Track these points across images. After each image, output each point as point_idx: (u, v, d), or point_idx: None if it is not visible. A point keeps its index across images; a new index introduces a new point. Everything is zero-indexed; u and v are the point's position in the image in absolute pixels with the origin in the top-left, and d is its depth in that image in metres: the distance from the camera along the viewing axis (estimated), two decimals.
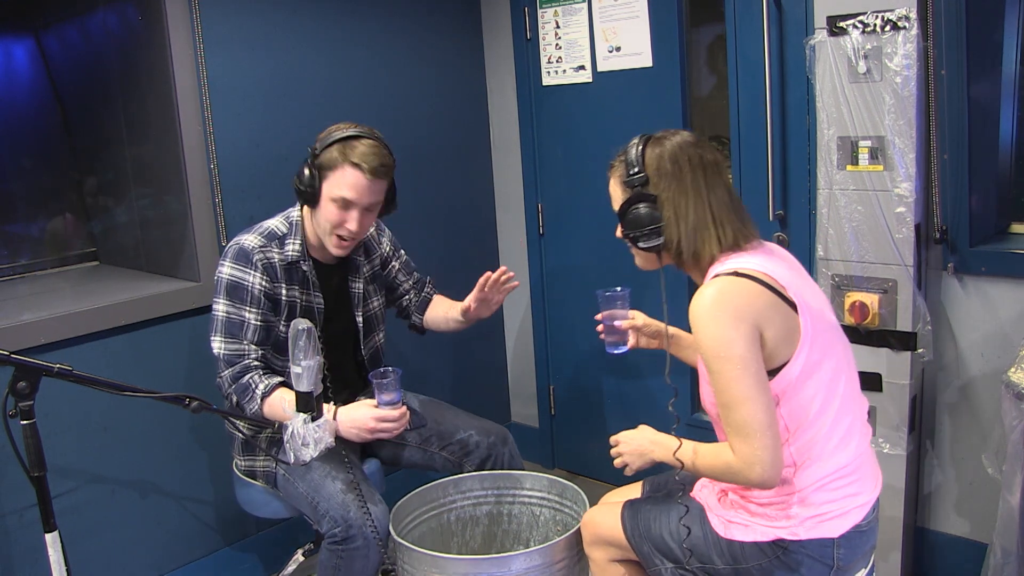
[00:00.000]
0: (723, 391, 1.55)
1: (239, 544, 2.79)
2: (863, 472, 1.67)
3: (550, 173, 3.32)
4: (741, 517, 1.68)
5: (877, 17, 2.15)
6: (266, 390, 2.05)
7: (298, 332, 1.77)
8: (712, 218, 1.65)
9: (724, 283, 1.57)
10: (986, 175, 2.35)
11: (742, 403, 1.52)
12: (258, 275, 2.10)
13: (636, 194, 1.68)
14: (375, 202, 2.12)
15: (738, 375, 1.52)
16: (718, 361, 1.53)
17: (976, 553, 2.30)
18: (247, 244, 2.11)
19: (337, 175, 2.06)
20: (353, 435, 2.05)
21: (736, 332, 1.52)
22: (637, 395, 3.25)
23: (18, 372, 1.56)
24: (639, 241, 1.70)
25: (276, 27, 2.72)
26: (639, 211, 1.68)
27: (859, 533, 1.64)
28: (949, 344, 2.40)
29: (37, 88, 3.00)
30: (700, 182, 1.66)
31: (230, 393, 2.09)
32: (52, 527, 1.62)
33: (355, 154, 2.04)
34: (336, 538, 2.03)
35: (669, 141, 1.68)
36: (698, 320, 1.56)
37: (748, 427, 1.52)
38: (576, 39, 3.09)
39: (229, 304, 2.09)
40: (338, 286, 2.29)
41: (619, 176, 1.73)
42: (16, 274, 2.87)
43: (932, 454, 2.49)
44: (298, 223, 2.18)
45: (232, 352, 2.08)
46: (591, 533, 1.91)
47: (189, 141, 2.53)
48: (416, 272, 2.51)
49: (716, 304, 1.55)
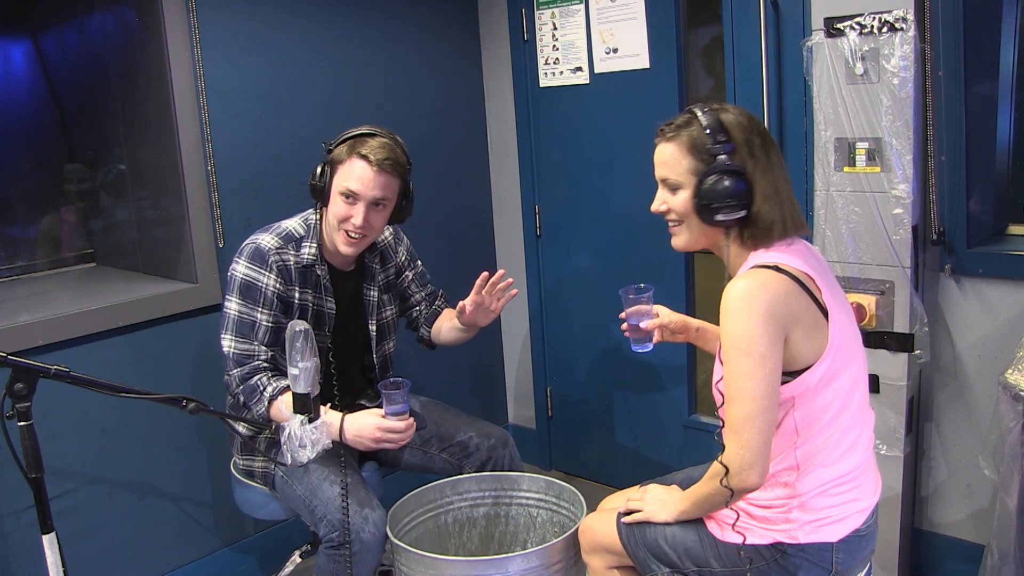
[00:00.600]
0: (731, 383, 1.53)
1: (237, 545, 2.78)
2: (864, 478, 1.66)
3: (547, 174, 3.32)
4: (740, 520, 1.67)
5: (874, 19, 2.15)
6: (273, 393, 2.05)
7: (295, 333, 1.77)
8: (786, 199, 1.61)
9: (765, 276, 1.54)
10: (983, 176, 2.35)
11: (746, 400, 1.51)
12: (272, 276, 2.10)
13: (722, 164, 1.57)
14: (382, 198, 2.11)
15: (751, 372, 1.50)
16: (737, 352, 1.51)
17: (973, 554, 2.30)
18: (264, 244, 2.11)
19: (344, 168, 2.08)
20: (358, 444, 2.06)
21: (763, 328, 1.50)
22: (635, 397, 3.25)
23: (15, 373, 1.55)
24: (719, 213, 1.58)
25: (273, 29, 2.72)
26: (725, 182, 1.56)
27: (858, 538, 1.63)
28: (946, 345, 2.40)
29: (35, 90, 2.99)
30: (774, 158, 1.61)
31: (238, 393, 2.09)
32: (50, 528, 1.62)
33: (364, 148, 2.07)
34: (333, 543, 2.03)
35: (738, 111, 1.62)
36: (729, 307, 1.52)
37: (743, 424, 1.51)
38: (573, 40, 3.10)
39: (242, 304, 2.09)
40: (352, 293, 2.28)
41: (689, 142, 1.61)
42: (13, 275, 2.86)
43: (929, 455, 2.49)
44: (315, 226, 2.18)
45: (242, 352, 2.09)
46: (588, 540, 1.91)
47: (186, 143, 2.53)
48: (430, 285, 2.50)
49: (752, 296, 1.51)
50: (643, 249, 3.08)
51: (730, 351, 1.52)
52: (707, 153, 1.59)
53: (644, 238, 3.06)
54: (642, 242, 3.07)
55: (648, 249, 3.06)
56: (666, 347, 3.08)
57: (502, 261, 3.55)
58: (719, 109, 1.62)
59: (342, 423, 2.05)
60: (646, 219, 3.03)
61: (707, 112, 1.61)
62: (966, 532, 2.45)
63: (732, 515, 1.68)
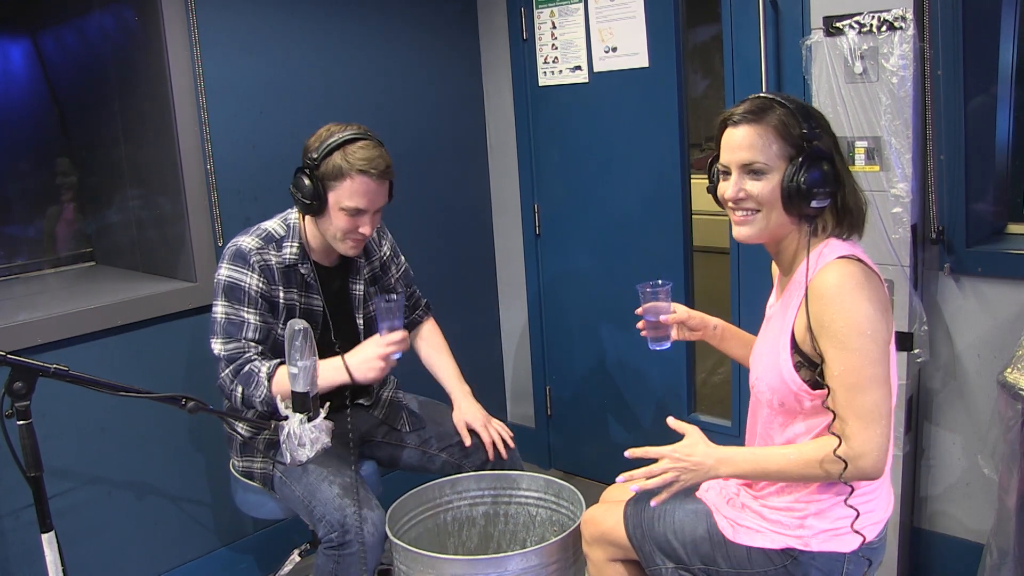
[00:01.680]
0: (857, 371, 1.46)
1: (236, 544, 2.78)
2: (881, 491, 1.65)
3: (547, 174, 3.32)
4: (753, 522, 1.65)
5: (873, 17, 2.15)
6: (270, 371, 2.03)
7: (294, 332, 1.77)
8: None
9: (860, 268, 1.50)
10: (983, 175, 2.35)
11: (877, 386, 1.46)
12: (255, 276, 2.09)
13: (816, 149, 1.52)
14: (384, 202, 2.12)
15: (879, 358, 1.47)
16: (862, 339, 1.45)
17: (972, 553, 2.31)
18: (244, 246, 2.11)
19: (346, 185, 2.02)
20: (367, 372, 2.04)
21: (882, 316, 1.47)
22: (634, 396, 3.25)
23: (14, 372, 1.55)
24: (813, 200, 1.52)
25: (272, 28, 2.72)
26: (824, 166, 1.51)
27: (870, 550, 1.62)
28: (945, 344, 2.40)
29: (34, 89, 2.99)
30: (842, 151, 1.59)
31: (233, 389, 2.07)
32: (49, 527, 1.62)
33: (359, 160, 2.01)
34: (332, 543, 2.02)
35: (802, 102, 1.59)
36: (843, 294, 1.47)
37: (876, 411, 1.46)
38: (572, 39, 3.10)
39: (227, 305, 2.09)
40: (339, 289, 2.28)
41: (780, 126, 1.54)
42: (12, 274, 2.87)
43: (928, 454, 2.49)
44: (295, 226, 2.16)
45: (232, 351, 2.08)
46: (591, 531, 1.89)
47: (185, 142, 2.53)
48: (415, 287, 2.49)
49: (865, 284, 1.48)
50: (643, 248, 3.08)
51: (855, 338, 1.45)
52: (799, 138, 1.53)
53: (644, 237, 3.06)
54: (642, 241, 3.07)
55: (648, 248, 3.06)
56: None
57: (501, 260, 3.55)
58: (794, 98, 1.59)
59: (345, 364, 2.04)
60: (646, 218, 3.06)
61: (785, 97, 1.57)
62: (965, 531, 2.45)
63: (746, 516, 1.67)
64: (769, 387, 1.62)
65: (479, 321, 3.56)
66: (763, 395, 1.64)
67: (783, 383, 1.58)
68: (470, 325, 3.47)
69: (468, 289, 3.49)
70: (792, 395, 1.57)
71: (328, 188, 2.04)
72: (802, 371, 1.56)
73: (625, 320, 3.20)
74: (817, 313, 1.49)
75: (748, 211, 1.59)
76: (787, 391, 1.58)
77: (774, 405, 1.63)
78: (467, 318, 3.44)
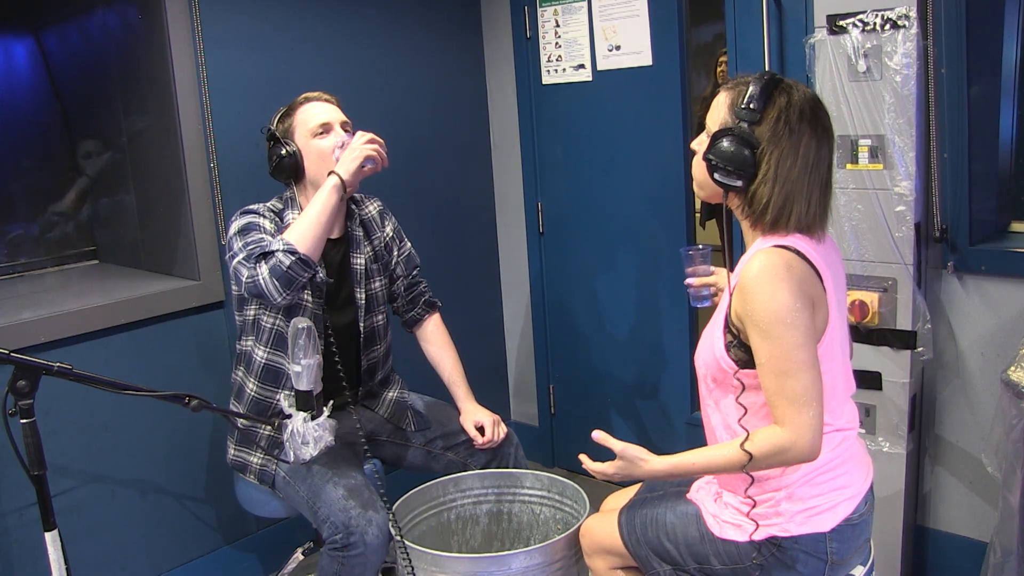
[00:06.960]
0: (782, 358, 1.50)
1: (239, 543, 2.79)
2: (850, 465, 1.66)
3: (550, 172, 3.32)
4: (735, 517, 1.68)
5: (877, 16, 2.15)
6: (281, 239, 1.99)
7: (298, 331, 1.77)
8: (806, 193, 1.59)
9: (787, 257, 1.53)
10: (986, 174, 2.35)
11: (804, 371, 1.49)
12: (267, 220, 2.13)
13: (740, 130, 1.57)
14: (345, 120, 2.19)
15: (803, 342, 1.49)
16: (781, 327, 1.49)
17: (976, 551, 2.30)
18: (251, 207, 2.16)
19: (300, 118, 2.16)
20: (351, 163, 2.06)
21: (801, 303, 1.50)
22: (637, 394, 3.25)
23: (18, 371, 1.56)
24: (716, 172, 1.59)
25: (276, 26, 2.72)
26: (730, 147, 1.57)
27: (851, 526, 1.63)
28: (949, 343, 2.40)
29: (37, 87, 3.00)
30: (811, 150, 1.59)
31: (257, 273, 1.96)
32: (52, 526, 1.62)
33: (301, 97, 2.19)
34: (336, 544, 2.02)
35: (798, 93, 1.60)
36: (762, 284, 1.51)
37: (806, 395, 1.49)
38: (576, 38, 3.10)
39: (244, 236, 2.06)
40: (340, 261, 2.26)
41: (731, 100, 1.62)
42: (16, 273, 2.87)
43: (931, 453, 2.49)
44: (292, 198, 2.20)
45: (251, 249, 2.01)
46: (589, 543, 1.91)
47: (189, 140, 2.53)
48: (422, 281, 2.46)
49: (784, 272, 1.51)
50: (646, 246, 3.08)
51: (775, 326, 1.49)
52: (739, 116, 1.59)
53: (647, 235, 3.06)
54: (645, 239, 3.07)
55: (651, 246, 3.06)
56: (668, 345, 3.10)
57: (504, 258, 3.55)
58: (789, 86, 1.61)
59: (335, 173, 2.07)
60: (649, 216, 3.06)
61: (769, 81, 1.61)
62: (968, 529, 2.45)
63: (728, 513, 1.69)
64: (704, 363, 1.69)
65: (482, 319, 3.56)
66: (699, 371, 1.71)
67: (715, 360, 1.64)
68: (473, 323, 3.47)
69: (471, 287, 3.49)
70: (722, 372, 1.63)
71: (292, 134, 2.16)
72: (732, 350, 1.61)
73: (629, 318, 3.22)
74: (740, 302, 1.56)
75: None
76: (718, 368, 1.64)
77: (707, 382, 1.70)
78: (470, 316, 3.44)
